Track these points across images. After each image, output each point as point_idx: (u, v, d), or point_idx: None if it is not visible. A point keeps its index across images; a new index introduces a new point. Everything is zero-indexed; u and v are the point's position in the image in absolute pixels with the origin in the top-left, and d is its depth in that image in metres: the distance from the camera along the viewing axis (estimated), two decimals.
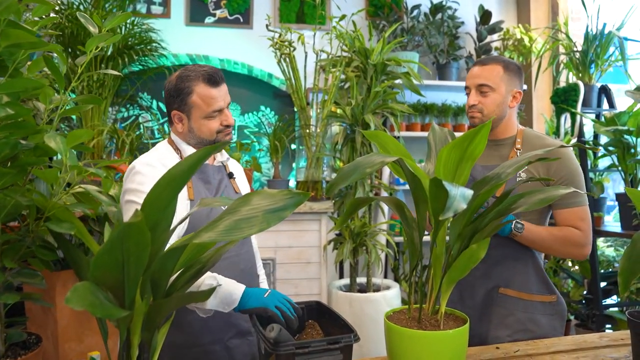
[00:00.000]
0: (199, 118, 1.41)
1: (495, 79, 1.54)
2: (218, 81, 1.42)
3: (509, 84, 1.55)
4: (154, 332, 0.90)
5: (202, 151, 0.87)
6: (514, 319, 1.53)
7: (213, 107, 1.40)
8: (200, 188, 1.43)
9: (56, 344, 2.05)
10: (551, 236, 1.48)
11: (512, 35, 3.59)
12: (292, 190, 0.89)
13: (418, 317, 1.12)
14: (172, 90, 1.41)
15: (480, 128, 1.01)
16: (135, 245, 0.80)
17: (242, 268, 1.45)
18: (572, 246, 1.48)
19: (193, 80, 1.39)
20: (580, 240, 1.48)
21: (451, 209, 0.79)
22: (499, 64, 1.55)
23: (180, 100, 1.41)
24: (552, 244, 1.48)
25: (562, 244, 1.48)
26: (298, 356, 0.97)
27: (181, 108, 1.42)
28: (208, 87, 1.39)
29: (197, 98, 1.39)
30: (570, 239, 1.48)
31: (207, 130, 1.42)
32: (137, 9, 3.47)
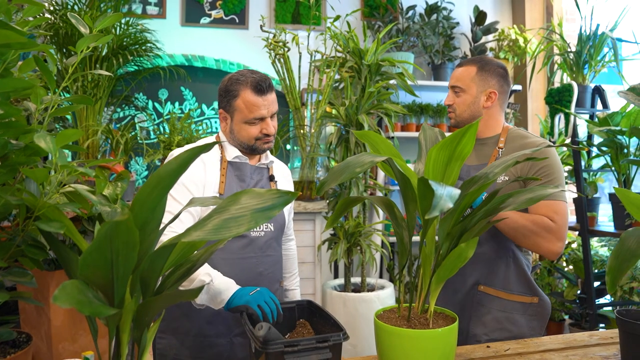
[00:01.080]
0: (239, 121, 1.46)
1: (466, 80, 1.59)
2: (265, 90, 1.45)
3: (482, 84, 1.58)
4: (143, 330, 0.90)
5: (190, 152, 0.88)
6: (491, 317, 1.54)
7: (254, 114, 1.44)
8: (234, 185, 1.47)
9: (50, 344, 2.05)
10: (532, 223, 1.44)
11: (507, 36, 3.60)
12: (280, 190, 0.90)
13: (407, 315, 1.13)
14: (222, 90, 1.48)
15: (467, 128, 1.02)
16: (124, 244, 0.81)
17: (260, 271, 1.46)
18: (547, 235, 1.43)
19: (242, 85, 1.44)
20: (553, 229, 1.43)
21: (437, 208, 0.80)
22: (474, 65, 1.60)
23: (227, 100, 1.46)
24: (532, 231, 1.44)
25: (539, 231, 1.44)
26: (287, 354, 0.98)
27: (226, 108, 1.47)
28: (254, 94, 1.43)
29: (241, 102, 1.44)
30: (547, 227, 1.43)
31: (246, 135, 1.46)
32: (133, 9, 3.47)
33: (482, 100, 1.59)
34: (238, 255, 1.42)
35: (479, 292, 1.57)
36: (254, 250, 1.44)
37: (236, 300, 1.23)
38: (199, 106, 3.93)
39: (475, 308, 1.57)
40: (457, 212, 1.10)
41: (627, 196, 1.23)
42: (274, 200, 0.89)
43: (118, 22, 2.53)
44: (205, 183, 1.41)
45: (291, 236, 1.76)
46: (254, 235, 1.45)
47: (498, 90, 1.60)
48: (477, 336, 1.53)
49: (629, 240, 1.15)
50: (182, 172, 0.88)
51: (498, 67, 1.61)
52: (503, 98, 1.63)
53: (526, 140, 1.55)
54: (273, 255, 1.51)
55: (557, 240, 1.46)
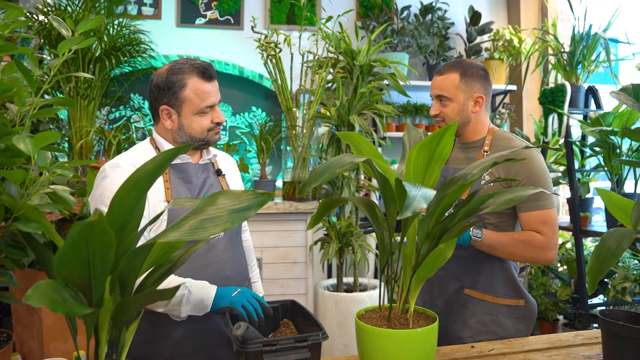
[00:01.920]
0: (190, 114, 1.35)
1: (451, 89, 1.56)
2: (212, 76, 1.37)
3: (467, 90, 1.56)
4: (121, 329, 0.91)
5: (169, 152, 0.89)
6: (477, 320, 1.54)
7: (206, 102, 1.34)
8: (180, 189, 1.38)
9: (41, 343, 2.06)
10: (512, 241, 1.47)
11: (501, 36, 3.60)
12: (256, 190, 0.91)
13: (388, 315, 1.13)
14: (162, 84, 1.34)
15: (446, 129, 1.03)
16: (100, 245, 0.81)
17: (227, 274, 1.40)
18: (533, 250, 1.47)
19: (186, 74, 1.33)
20: (542, 244, 1.46)
21: (409, 209, 0.81)
22: (456, 72, 1.56)
23: (171, 94, 1.33)
24: (514, 249, 1.47)
25: (523, 248, 1.47)
26: (266, 354, 0.98)
27: (171, 103, 1.35)
28: (202, 81, 1.34)
29: (190, 92, 1.33)
30: (530, 242, 1.46)
31: (199, 127, 1.37)
32: (128, 10, 3.48)
33: (470, 106, 1.58)
34: (201, 262, 1.35)
35: (464, 294, 1.57)
36: (217, 254, 1.38)
37: (220, 301, 1.22)
38: None
39: (461, 311, 1.56)
40: (437, 213, 1.10)
41: (609, 197, 1.24)
42: (250, 201, 0.89)
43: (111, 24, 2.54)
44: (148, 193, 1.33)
45: (245, 226, 1.67)
46: (214, 239, 1.39)
47: (483, 93, 1.58)
48: (463, 339, 1.53)
49: (609, 241, 1.16)
50: (159, 173, 0.89)
51: (479, 69, 1.59)
52: (488, 99, 1.62)
53: (510, 142, 1.55)
54: (236, 255, 1.46)
55: (548, 251, 1.48)
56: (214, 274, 1.37)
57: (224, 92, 4.37)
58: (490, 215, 1.54)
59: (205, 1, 3.63)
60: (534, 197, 1.47)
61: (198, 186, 1.44)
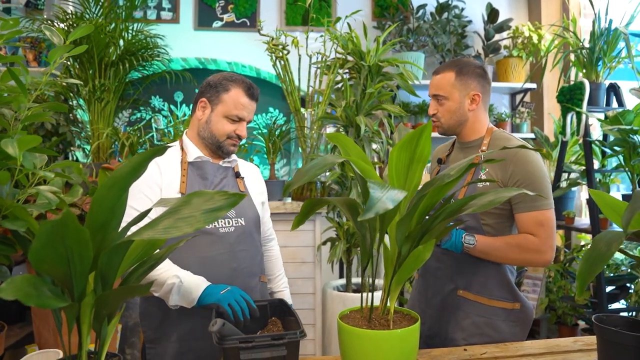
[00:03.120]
0: (220, 114, 1.50)
1: (446, 87, 1.56)
2: (254, 96, 1.53)
3: (463, 88, 1.55)
4: (102, 322, 0.95)
5: (144, 154, 0.93)
6: (470, 322, 1.51)
7: (238, 112, 1.49)
8: (195, 184, 1.49)
9: (56, 336, 2.16)
10: (505, 245, 1.46)
11: (520, 33, 3.52)
12: (228, 191, 0.93)
13: (369, 316, 1.14)
14: (213, 82, 1.52)
15: (422, 129, 1.03)
16: (76, 242, 0.85)
17: (234, 267, 1.46)
18: (527, 253, 1.44)
19: (235, 83, 1.50)
20: (537, 246, 1.44)
21: (372, 210, 0.81)
22: (451, 71, 1.56)
23: (215, 91, 1.50)
24: (507, 253, 1.45)
25: (517, 252, 1.45)
26: (242, 350, 1.01)
27: (211, 98, 1.51)
28: (245, 95, 1.50)
29: (230, 97, 1.49)
30: (524, 245, 1.44)
31: (222, 129, 1.50)
32: (148, 15, 3.59)
33: (467, 104, 1.56)
34: (208, 252, 1.43)
35: (458, 296, 1.54)
36: (225, 246, 1.45)
37: (207, 298, 1.26)
38: None
39: (454, 312, 1.54)
40: (417, 214, 1.10)
41: (602, 198, 1.21)
42: (222, 202, 0.92)
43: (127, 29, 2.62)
44: (162, 185, 1.43)
45: (271, 235, 1.76)
46: (223, 232, 1.46)
47: (480, 91, 1.57)
48: (456, 341, 1.51)
49: (600, 244, 1.13)
50: (137, 173, 0.92)
51: (476, 67, 1.58)
52: (486, 98, 1.61)
53: (508, 143, 1.52)
54: (248, 249, 1.51)
55: (542, 254, 1.45)
56: (221, 266, 1.45)
57: None
58: (486, 217, 1.51)
59: (222, 4, 3.69)
60: (531, 198, 1.44)
61: (214, 183, 1.54)
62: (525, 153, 1.46)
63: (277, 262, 1.76)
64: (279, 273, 1.75)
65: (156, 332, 1.44)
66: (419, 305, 1.62)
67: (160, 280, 1.30)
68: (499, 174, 1.48)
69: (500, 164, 1.47)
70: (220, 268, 1.43)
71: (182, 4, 3.66)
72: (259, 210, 1.59)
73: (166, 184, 1.44)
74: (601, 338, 1.25)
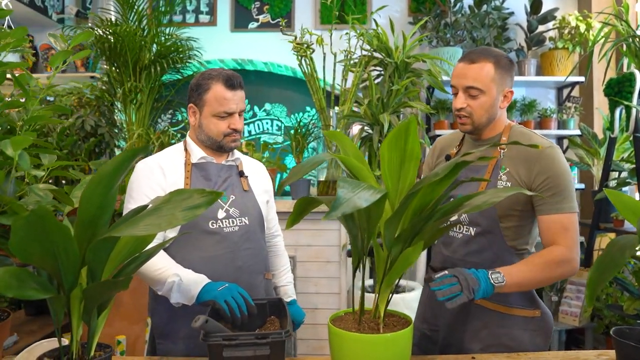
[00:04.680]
0: (208, 115, 1.49)
1: (486, 79, 1.37)
2: (235, 86, 1.49)
3: (501, 83, 1.39)
4: (90, 314, 0.99)
5: (127, 153, 0.95)
6: (488, 333, 1.41)
7: (224, 108, 1.47)
8: (199, 184, 1.50)
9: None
10: (534, 268, 1.31)
11: (567, 23, 3.30)
12: (206, 190, 0.94)
13: (359, 319, 1.11)
14: (194, 85, 1.52)
15: (407, 125, 0.99)
16: (60, 237, 0.89)
17: (239, 265, 1.48)
18: (558, 268, 1.31)
19: (213, 79, 1.48)
20: (564, 257, 1.31)
21: (337, 210, 0.79)
22: (489, 61, 1.38)
23: (197, 94, 1.50)
24: (539, 275, 1.30)
25: (548, 270, 1.31)
26: (226, 347, 1.01)
27: (196, 102, 1.51)
28: (225, 88, 1.47)
29: (212, 96, 1.48)
30: (552, 261, 1.31)
31: (215, 129, 1.50)
32: (187, 19, 3.71)
33: (500, 101, 1.41)
34: (213, 252, 1.45)
35: (475, 305, 1.43)
36: (229, 245, 1.46)
37: (205, 295, 1.28)
38: (251, 108, 4.09)
39: (471, 322, 1.43)
40: (410, 214, 1.06)
41: (620, 199, 1.12)
42: (201, 200, 0.93)
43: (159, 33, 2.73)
44: (166, 187, 1.44)
45: (277, 232, 1.76)
46: (228, 231, 1.47)
47: (512, 87, 1.44)
48: (472, 351, 1.41)
49: (613, 249, 1.04)
50: (119, 173, 0.95)
51: (508, 60, 1.42)
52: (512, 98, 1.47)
53: (529, 140, 1.39)
54: (252, 248, 1.52)
55: (570, 261, 1.32)
56: (226, 264, 1.47)
57: (278, 92, 4.46)
58: (506, 220, 1.39)
59: (258, 5, 3.75)
60: (556, 199, 1.33)
61: (218, 183, 1.54)
62: (551, 153, 1.35)
63: (282, 257, 1.76)
64: (283, 268, 1.74)
65: (164, 329, 1.47)
66: (432, 312, 1.54)
67: (162, 278, 1.33)
68: (522, 173, 1.37)
69: (524, 163, 1.37)
70: (225, 267, 1.45)
71: (219, 7, 3.75)
72: (263, 208, 1.59)
73: (170, 186, 1.45)
74: (619, 353, 1.15)
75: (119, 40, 2.42)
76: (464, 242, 1.43)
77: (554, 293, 2.99)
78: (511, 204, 1.36)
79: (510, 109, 3.46)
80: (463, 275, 1.16)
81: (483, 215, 1.39)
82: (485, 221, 1.40)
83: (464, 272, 1.17)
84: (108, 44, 2.44)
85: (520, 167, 1.37)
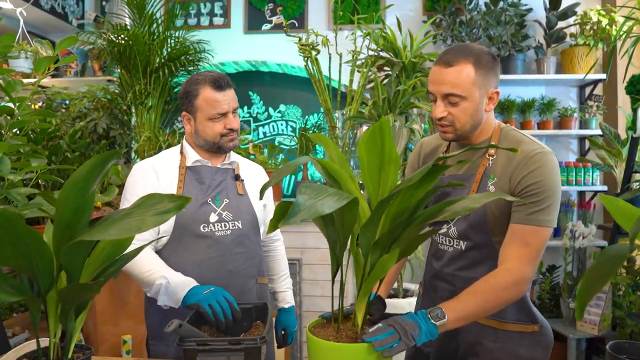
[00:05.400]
0: (203, 119, 1.49)
1: (466, 84, 1.22)
2: (223, 86, 1.49)
3: (484, 85, 1.25)
4: (67, 316, 1.00)
5: (100, 156, 0.96)
6: (482, 349, 1.31)
7: (217, 110, 1.48)
8: (192, 188, 1.50)
9: (95, 326, 2.33)
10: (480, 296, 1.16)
11: (589, 19, 3.17)
12: (175, 195, 0.94)
13: (337, 327, 1.09)
14: (183, 93, 1.53)
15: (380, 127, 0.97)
16: (33, 240, 0.91)
17: (230, 269, 1.48)
18: (505, 291, 1.17)
19: (200, 84, 1.49)
20: (513, 279, 1.17)
21: (294, 217, 0.78)
22: (468, 62, 1.23)
23: (188, 102, 1.51)
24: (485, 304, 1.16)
25: (495, 297, 1.17)
26: (200, 353, 1.01)
27: (189, 109, 1.52)
28: (213, 90, 1.48)
29: (202, 100, 1.48)
30: (498, 286, 1.17)
31: (211, 132, 1.50)
32: (201, 21, 3.76)
33: (485, 104, 1.27)
34: (204, 255, 1.45)
35: None
36: (221, 249, 1.47)
37: (190, 298, 1.28)
38: (265, 109, 4.11)
39: (464, 337, 1.33)
40: (388, 221, 1.03)
41: (615, 205, 1.06)
42: (170, 205, 0.93)
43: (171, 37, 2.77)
44: (159, 189, 1.45)
45: (276, 236, 1.75)
46: (219, 235, 1.48)
47: (497, 87, 1.29)
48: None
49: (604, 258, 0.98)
50: (93, 177, 0.96)
51: (490, 56, 1.27)
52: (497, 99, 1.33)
53: (519, 144, 1.26)
54: (244, 252, 1.52)
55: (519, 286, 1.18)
56: (217, 268, 1.47)
57: (292, 93, 4.45)
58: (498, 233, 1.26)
59: (271, 7, 3.76)
60: (532, 209, 1.19)
61: (211, 187, 1.54)
62: (542, 156, 1.22)
63: (282, 262, 1.75)
64: (282, 273, 1.74)
65: (157, 331, 1.49)
66: None
67: (150, 280, 1.34)
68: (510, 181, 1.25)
69: (510, 168, 1.25)
70: (216, 271, 1.45)
71: (233, 9, 3.78)
72: (259, 212, 1.58)
73: (162, 189, 1.46)
74: None
75: (128, 44, 2.46)
76: (455, 257, 1.33)
77: (572, 300, 2.88)
78: (501, 215, 1.25)
79: (528, 108, 3.36)
80: (399, 323, 1.04)
81: (474, 229, 1.29)
82: (476, 235, 1.29)
83: (399, 319, 1.06)
84: (118, 48, 2.49)
85: (507, 174, 1.26)
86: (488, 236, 1.28)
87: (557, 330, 2.87)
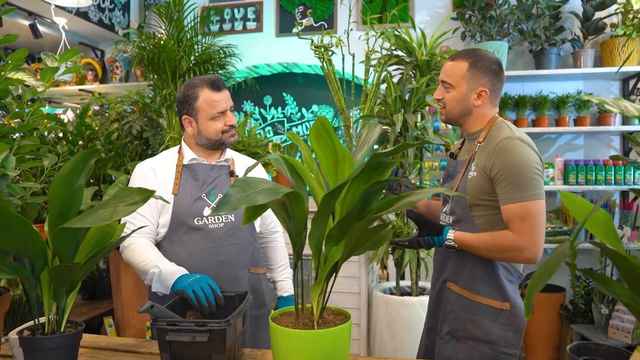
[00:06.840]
0: (205, 120, 1.61)
1: (456, 77, 1.51)
2: (220, 87, 1.62)
3: (472, 82, 1.50)
4: (59, 295, 1.14)
5: (82, 153, 1.09)
6: (455, 316, 1.49)
7: (217, 109, 1.60)
8: (188, 184, 1.61)
9: (122, 312, 2.53)
10: (482, 244, 1.41)
11: (631, 6, 2.99)
12: (143, 188, 1.05)
13: (296, 315, 1.15)
14: (181, 98, 1.64)
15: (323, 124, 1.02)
16: (24, 227, 1.05)
17: (221, 259, 1.58)
18: (505, 252, 1.39)
19: (198, 87, 1.61)
20: (513, 244, 1.36)
21: (222, 208, 0.84)
22: (466, 60, 1.50)
23: (188, 105, 1.62)
24: (485, 252, 1.42)
25: (495, 250, 1.40)
26: (170, 332, 1.11)
27: (190, 112, 1.63)
28: (211, 92, 1.60)
29: (203, 102, 1.60)
30: (499, 245, 1.38)
31: (213, 130, 1.62)
32: (235, 26, 3.93)
33: (473, 98, 1.51)
34: (197, 246, 1.56)
35: (447, 288, 1.53)
36: (213, 240, 1.57)
37: (177, 284, 1.39)
38: (299, 110, 4.22)
39: (444, 305, 1.54)
40: (339, 214, 1.08)
41: (572, 201, 1.07)
42: (137, 197, 1.04)
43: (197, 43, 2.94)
44: (157, 187, 1.56)
45: (275, 228, 1.83)
46: (212, 227, 1.57)
47: (489, 89, 1.51)
48: (442, 333, 1.51)
49: (553, 254, 0.98)
50: (77, 172, 1.10)
51: (492, 62, 1.51)
52: (495, 95, 1.54)
53: (499, 133, 1.45)
54: (236, 243, 1.60)
55: (521, 251, 1.36)
56: (209, 258, 1.58)
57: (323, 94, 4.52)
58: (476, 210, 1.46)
59: (301, 10, 3.86)
60: (513, 189, 1.37)
61: (207, 183, 1.65)
62: (506, 143, 1.40)
63: (280, 253, 1.83)
64: (282, 263, 1.82)
65: None
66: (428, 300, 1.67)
67: (146, 269, 1.47)
68: (485, 165, 1.44)
69: (486, 155, 1.44)
70: (207, 261, 1.56)
71: (265, 14, 3.92)
72: None
73: (159, 186, 1.58)
74: None
75: (157, 51, 2.65)
76: None
77: (604, 305, 2.73)
78: (478, 193, 1.44)
79: (562, 104, 3.21)
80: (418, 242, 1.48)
81: (458, 205, 1.50)
82: (459, 210, 1.51)
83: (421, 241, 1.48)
84: (148, 54, 2.69)
85: (484, 159, 1.44)
86: (467, 212, 1.49)
87: (588, 338, 2.74)
